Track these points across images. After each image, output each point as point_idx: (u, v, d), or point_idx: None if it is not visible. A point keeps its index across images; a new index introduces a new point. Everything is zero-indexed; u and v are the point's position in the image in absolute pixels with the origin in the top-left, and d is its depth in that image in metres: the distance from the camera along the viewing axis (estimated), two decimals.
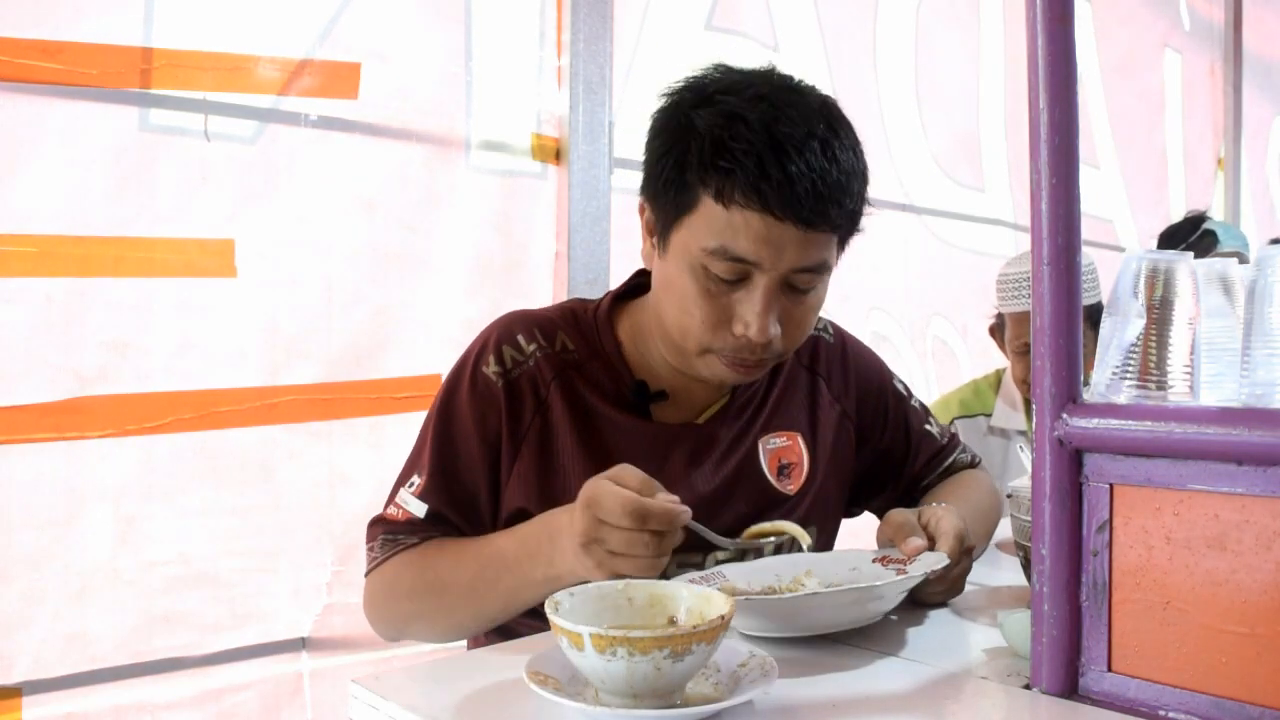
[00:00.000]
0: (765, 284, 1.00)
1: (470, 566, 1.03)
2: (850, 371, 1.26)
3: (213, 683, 1.63)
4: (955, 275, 3.03)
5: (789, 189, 0.95)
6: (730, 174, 0.96)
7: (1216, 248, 2.53)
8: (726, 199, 0.97)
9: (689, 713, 0.72)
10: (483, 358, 1.12)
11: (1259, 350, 0.73)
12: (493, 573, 1.01)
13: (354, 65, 1.73)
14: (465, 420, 1.10)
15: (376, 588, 1.10)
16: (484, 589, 1.01)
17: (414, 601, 1.07)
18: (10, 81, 1.41)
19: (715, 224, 0.98)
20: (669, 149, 1.02)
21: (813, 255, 1.00)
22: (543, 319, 1.16)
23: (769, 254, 0.98)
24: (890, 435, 1.29)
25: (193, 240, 1.58)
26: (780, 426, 1.19)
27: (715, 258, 0.99)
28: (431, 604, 1.06)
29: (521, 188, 1.98)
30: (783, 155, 0.95)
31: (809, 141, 0.96)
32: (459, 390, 1.12)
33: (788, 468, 1.18)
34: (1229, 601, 0.72)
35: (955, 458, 1.35)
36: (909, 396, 1.33)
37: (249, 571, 1.67)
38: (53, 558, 1.48)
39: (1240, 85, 4.34)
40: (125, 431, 1.52)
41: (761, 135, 0.96)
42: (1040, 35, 0.78)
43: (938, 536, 1.04)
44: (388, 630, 1.13)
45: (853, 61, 2.72)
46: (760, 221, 0.96)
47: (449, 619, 1.07)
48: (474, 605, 1.03)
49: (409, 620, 1.10)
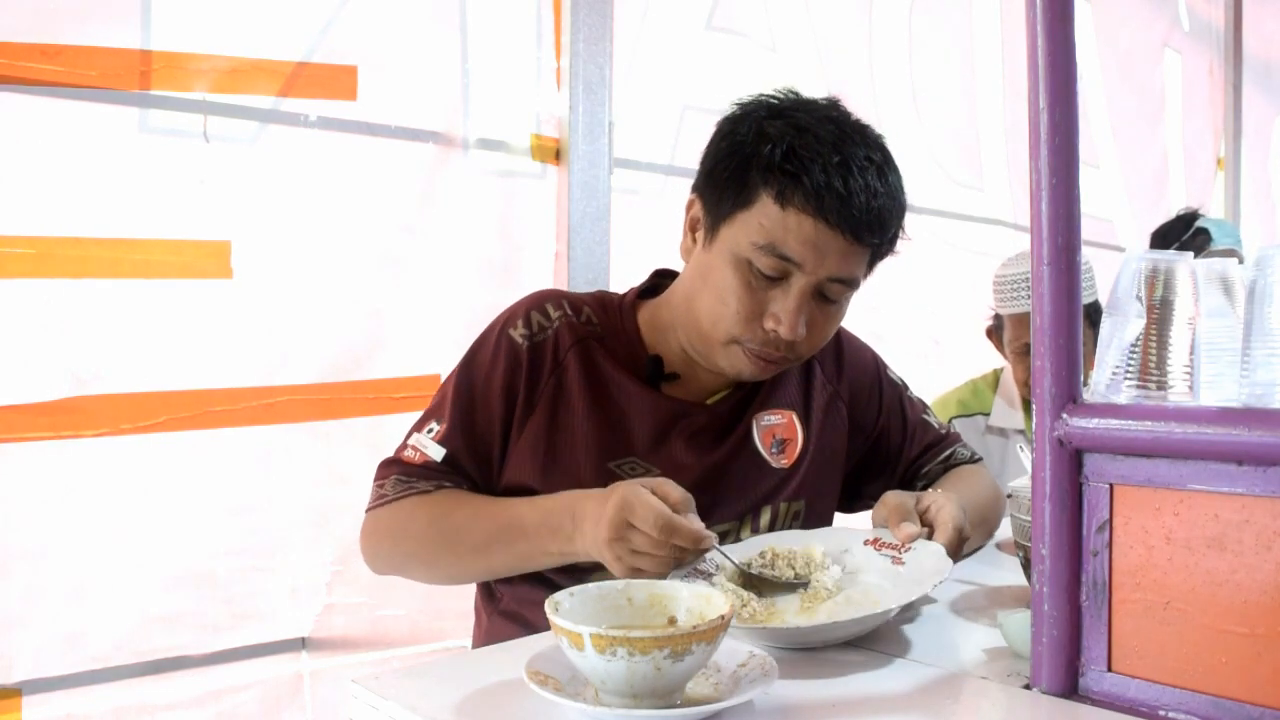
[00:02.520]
0: (802, 285, 1.07)
1: (487, 525, 1.09)
2: (844, 358, 1.33)
3: (213, 683, 1.63)
4: (953, 275, 3.02)
5: (846, 201, 1.04)
6: (795, 178, 1.04)
7: (1210, 245, 2.53)
8: (786, 200, 1.05)
9: (689, 713, 0.72)
10: (512, 323, 1.19)
11: (1259, 350, 0.73)
12: (509, 536, 1.07)
13: (351, 68, 1.74)
14: (488, 377, 1.16)
15: (382, 524, 1.16)
16: (498, 549, 1.08)
17: (422, 545, 1.13)
18: (10, 83, 1.41)
19: (769, 222, 1.06)
20: (736, 149, 1.09)
21: (849, 267, 1.09)
22: (573, 295, 1.25)
23: (813, 258, 1.06)
24: (885, 419, 1.34)
25: (189, 242, 1.58)
26: (775, 405, 1.25)
27: (762, 253, 1.06)
28: (440, 552, 1.12)
29: (521, 188, 1.98)
30: (846, 172, 1.05)
31: (868, 165, 1.07)
32: (484, 348, 1.19)
33: (782, 443, 1.24)
34: (1229, 601, 0.72)
35: (955, 450, 1.37)
36: (905, 387, 1.39)
37: (248, 571, 1.66)
38: (51, 557, 1.48)
39: (1240, 85, 4.34)
40: (121, 430, 1.52)
41: (829, 150, 1.05)
42: (1040, 35, 0.78)
43: (936, 526, 1.04)
44: (383, 566, 1.19)
45: (849, 61, 2.72)
46: (813, 226, 1.05)
47: (453, 568, 1.14)
48: (484, 561, 1.11)
49: (408, 560, 1.16)
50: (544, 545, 1.04)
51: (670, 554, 0.93)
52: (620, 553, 0.94)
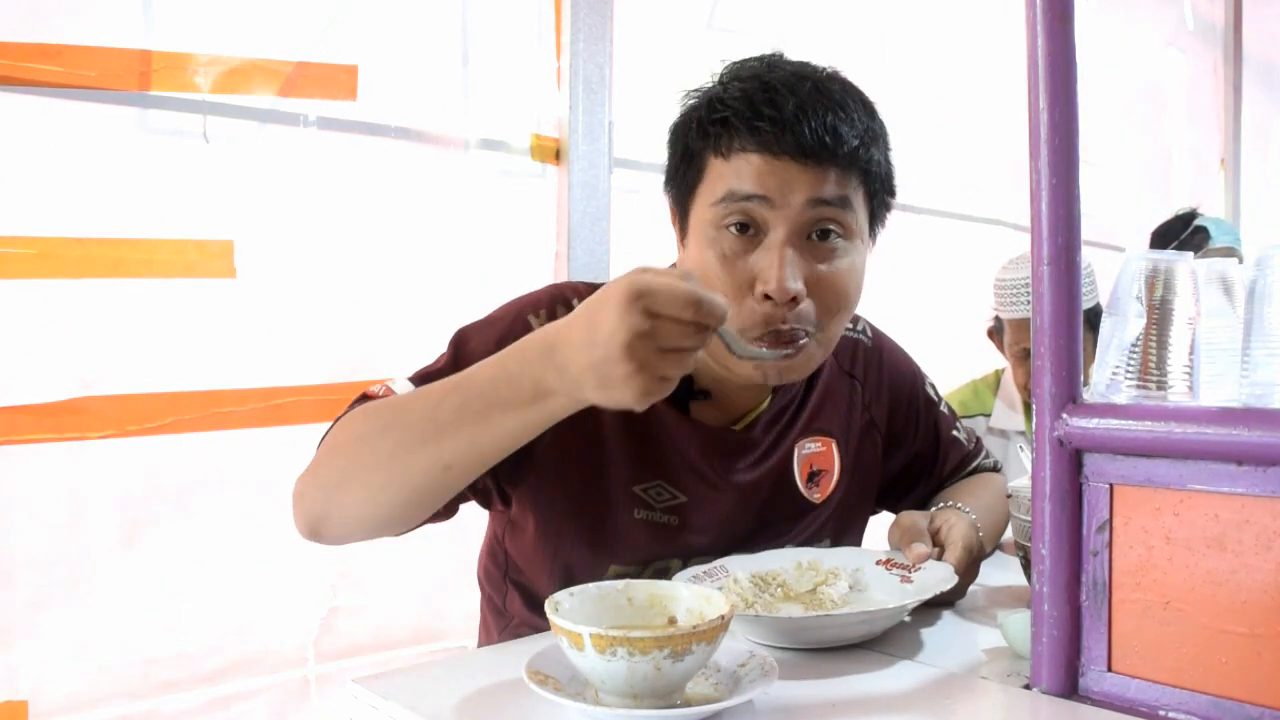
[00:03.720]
0: (780, 235, 0.96)
1: (432, 396, 0.86)
2: (885, 377, 1.25)
3: (220, 691, 1.62)
4: (956, 274, 3.02)
5: (779, 121, 0.94)
6: (725, 122, 0.96)
7: (1209, 243, 2.53)
8: (726, 149, 0.97)
9: (689, 713, 0.72)
10: (535, 310, 1.05)
11: (1259, 350, 0.73)
12: (458, 398, 0.83)
13: (351, 67, 1.74)
14: (492, 349, 0.90)
15: (321, 451, 0.94)
16: (445, 420, 0.83)
17: (352, 452, 0.89)
18: (10, 83, 1.41)
19: (722, 177, 0.97)
20: (676, 135, 1.04)
21: (824, 190, 0.96)
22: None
23: (776, 190, 0.95)
24: (920, 441, 1.29)
25: (192, 241, 1.58)
26: (818, 431, 1.17)
27: (723, 208, 0.97)
28: (373, 450, 0.87)
29: (521, 188, 1.97)
30: (774, 94, 0.95)
31: (801, 83, 0.96)
32: (492, 329, 1.04)
33: (818, 475, 1.16)
34: (1229, 601, 0.72)
35: (979, 463, 1.35)
36: (939, 402, 1.32)
37: (256, 576, 1.65)
38: (56, 562, 1.48)
39: (1240, 85, 4.33)
40: (127, 432, 1.52)
41: (753, 84, 0.97)
42: (1040, 35, 0.78)
43: (947, 546, 1.04)
44: (309, 508, 0.92)
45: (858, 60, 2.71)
46: (760, 160, 0.95)
47: (390, 472, 0.86)
48: (429, 445, 0.84)
49: (340, 483, 0.89)
50: (505, 396, 0.81)
51: (701, 340, 0.76)
52: (646, 356, 0.74)
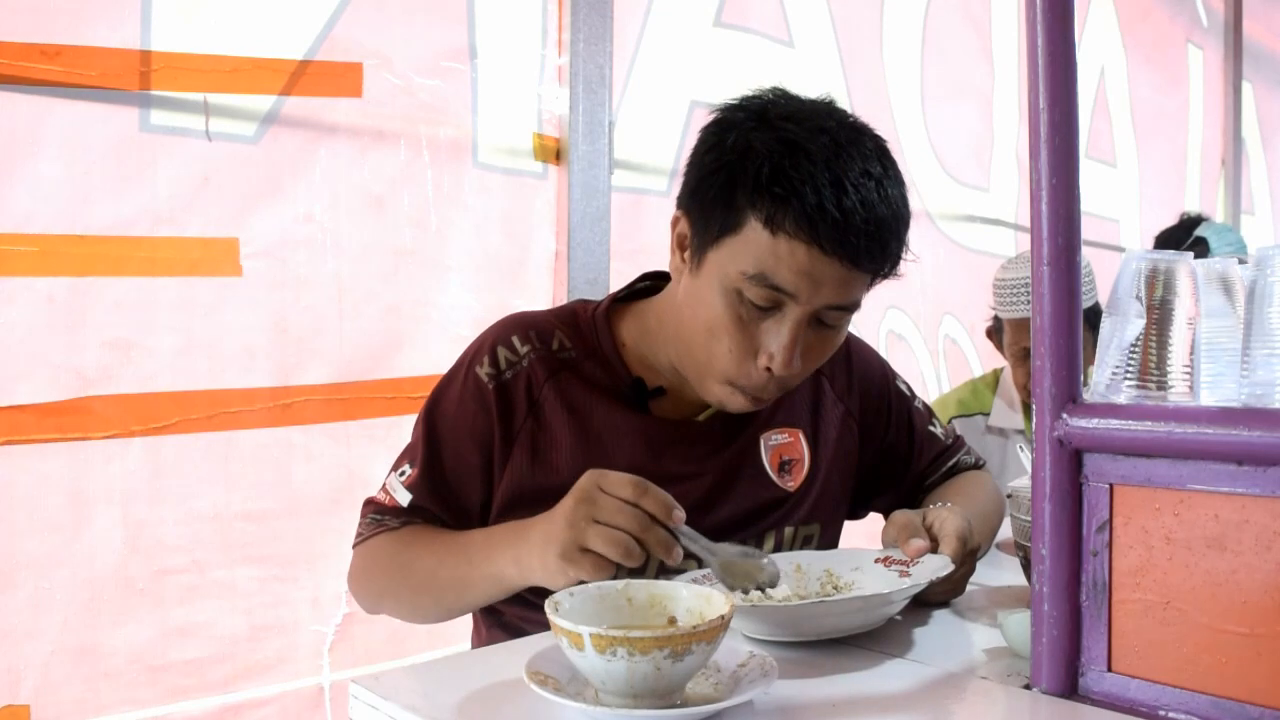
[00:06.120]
0: (796, 317, 1.00)
1: (437, 554, 1.07)
2: (854, 370, 1.27)
3: (232, 698, 1.60)
4: (964, 275, 3.02)
5: (841, 225, 0.95)
6: (785, 202, 0.95)
7: (1207, 256, 2.53)
8: (776, 226, 0.96)
9: (689, 713, 0.72)
10: (477, 359, 1.13)
11: (1259, 350, 0.73)
12: (454, 561, 1.04)
13: (355, 65, 1.74)
14: (455, 420, 1.12)
15: (357, 563, 1.16)
16: (445, 576, 1.05)
17: (387, 579, 1.12)
18: (10, 83, 1.41)
19: (759, 249, 0.97)
20: (720, 166, 1.00)
21: (848, 294, 1.01)
22: (540, 320, 1.17)
23: (807, 288, 0.98)
24: (893, 433, 1.30)
25: (196, 239, 1.57)
26: (782, 423, 1.19)
27: (752, 284, 0.98)
28: (399, 585, 1.10)
29: (522, 187, 1.97)
30: (840, 191, 0.95)
31: (866, 181, 0.97)
32: (450, 391, 1.14)
33: (789, 464, 1.18)
34: (1229, 601, 0.72)
35: (959, 459, 1.36)
36: (912, 397, 1.34)
37: (266, 580, 1.63)
38: (60, 564, 1.46)
39: (1240, 85, 4.32)
40: (131, 432, 1.50)
41: (822, 169, 0.95)
42: (1040, 35, 0.78)
43: (941, 538, 1.04)
44: (367, 603, 1.18)
45: (867, 58, 2.69)
46: (806, 254, 0.96)
47: (414, 601, 1.12)
48: (433, 592, 1.08)
49: (382, 596, 1.15)
50: (483, 568, 1.00)
51: (637, 524, 0.86)
52: (581, 523, 0.87)
